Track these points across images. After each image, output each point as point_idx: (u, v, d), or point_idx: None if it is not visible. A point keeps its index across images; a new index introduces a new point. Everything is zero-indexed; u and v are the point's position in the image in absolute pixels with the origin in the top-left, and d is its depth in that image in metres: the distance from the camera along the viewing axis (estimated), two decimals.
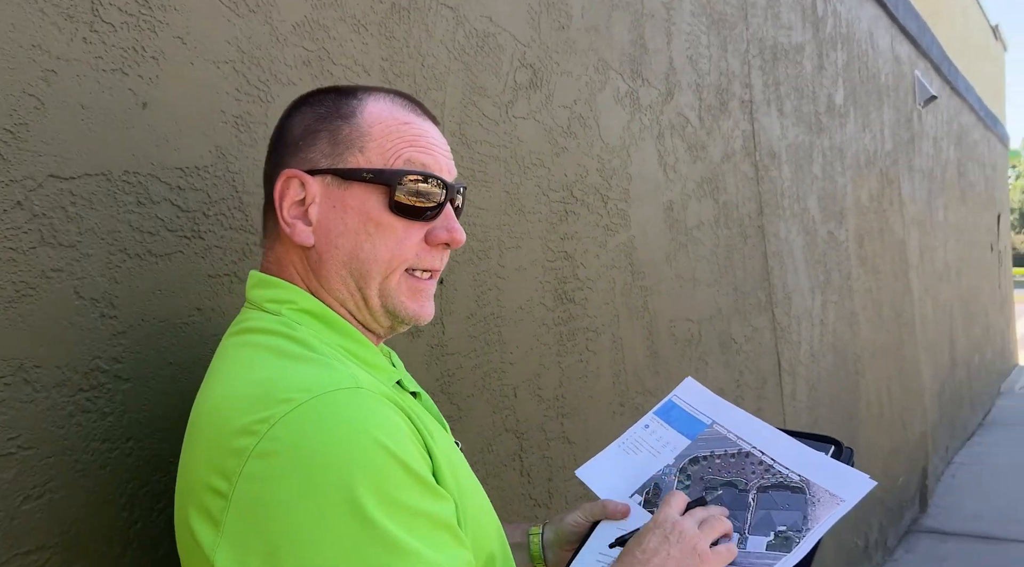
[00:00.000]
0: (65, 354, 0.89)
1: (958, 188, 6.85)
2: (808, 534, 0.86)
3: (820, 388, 3.22)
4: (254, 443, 0.66)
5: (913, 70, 5.32)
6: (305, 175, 0.83)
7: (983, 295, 7.90)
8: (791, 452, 0.95)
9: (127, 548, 0.93)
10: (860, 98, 4.08)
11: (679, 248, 2.23)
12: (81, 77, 0.93)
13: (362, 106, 0.84)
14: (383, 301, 0.83)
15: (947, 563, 3.92)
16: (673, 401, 1.12)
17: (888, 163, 4.53)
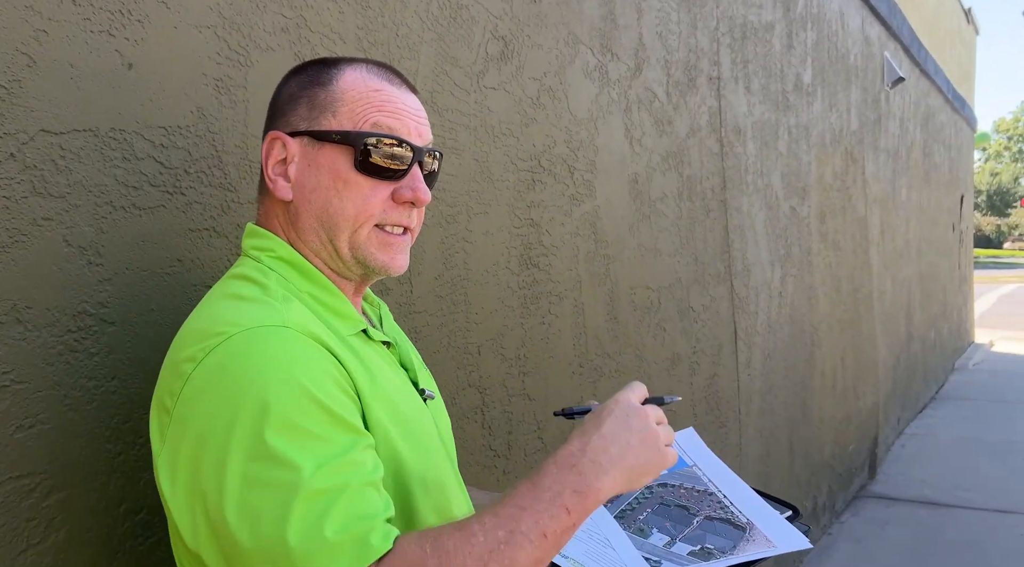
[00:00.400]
0: (55, 297, 0.96)
1: (923, 169, 7.01)
2: (728, 557, 0.97)
3: (775, 357, 3.36)
4: (192, 368, 0.77)
5: (883, 51, 5.42)
6: (286, 136, 0.91)
7: (942, 273, 8.14)
8: (749, 502, 1.07)
9: (111, 477, 1.01)
10: (828, 78, 4.18)
11: (642, 219, 2.32)
12: (70, 38, 0.99)
13: (340, 74, 0.91)
14: (353, 252, 0.91)
15: (890, 526, 4.12)
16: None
17: (853, 142, 4.66)
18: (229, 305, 0.84)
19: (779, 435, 3.39)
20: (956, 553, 3.76)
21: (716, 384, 2.77)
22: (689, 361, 2.58)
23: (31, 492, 0.93)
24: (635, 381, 0.89)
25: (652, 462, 0.82)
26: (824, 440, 4.03)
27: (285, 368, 0.75)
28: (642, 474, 0.81)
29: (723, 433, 2.82)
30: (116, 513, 1.02)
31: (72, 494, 0.97)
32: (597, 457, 0.79)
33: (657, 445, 0.82)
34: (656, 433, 0.83)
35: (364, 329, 0.93)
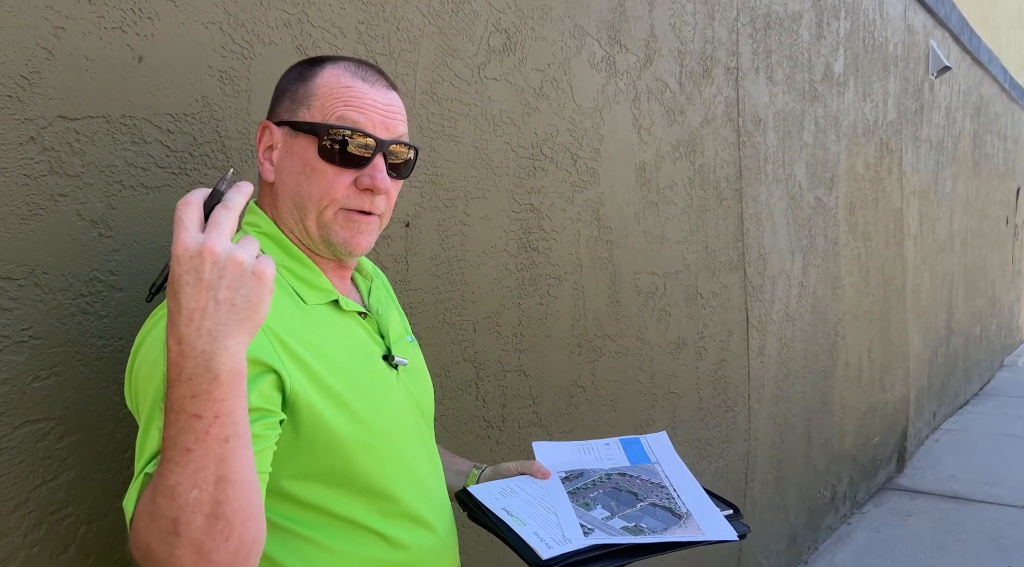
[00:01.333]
0: (69, 264, 1.09)
1: (972, 160, 6.83)
2: (656, 534, 1.07)
3: (793, 346, 3.38)
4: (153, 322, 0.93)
5: (928, 40, 5.31)
6: (273, 125, 1.03)
7: (992, 268, 7.93)
8: (694, 496, 1.17)
9: (117, 426, 1.14)
10: (863, 67, 4.13)
11: (649, 206, 2.38)
12: (86, 33, 1.11)
13: (320, 71, 1.02)
14: (320, 232, 1.01)
15: (911, 518, 4.11)
16: (640, 439, 1.32)
17: (890, 133, 4.59)
18: None
19: (795, 423, 3.42)
20: (975, 546, 3.74)
21: (724, 369, 2.82)
22: (695, 346, 2.63)
23: (46, 435, 1.07)
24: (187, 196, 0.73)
25: (254, 294, 0.71)
26: (846, 430, 4.02)
27: None
28: (253, 312, 0.72)
29: (730, 417, 2.87)
30: (122, 458, 1.15)
31: (82, 438, 1.10)
32: (195, 348, 0.69)
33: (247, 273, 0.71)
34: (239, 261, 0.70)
35: (335, 300, 1.04)
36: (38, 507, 1.06)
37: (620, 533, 1.07)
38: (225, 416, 0.71)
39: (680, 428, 2.56)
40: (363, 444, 0.97)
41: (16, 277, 1.03)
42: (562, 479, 1.21)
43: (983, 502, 4.32)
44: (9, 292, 1.03)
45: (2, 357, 1.02)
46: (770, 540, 3.24)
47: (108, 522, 1.13)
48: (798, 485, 3.49)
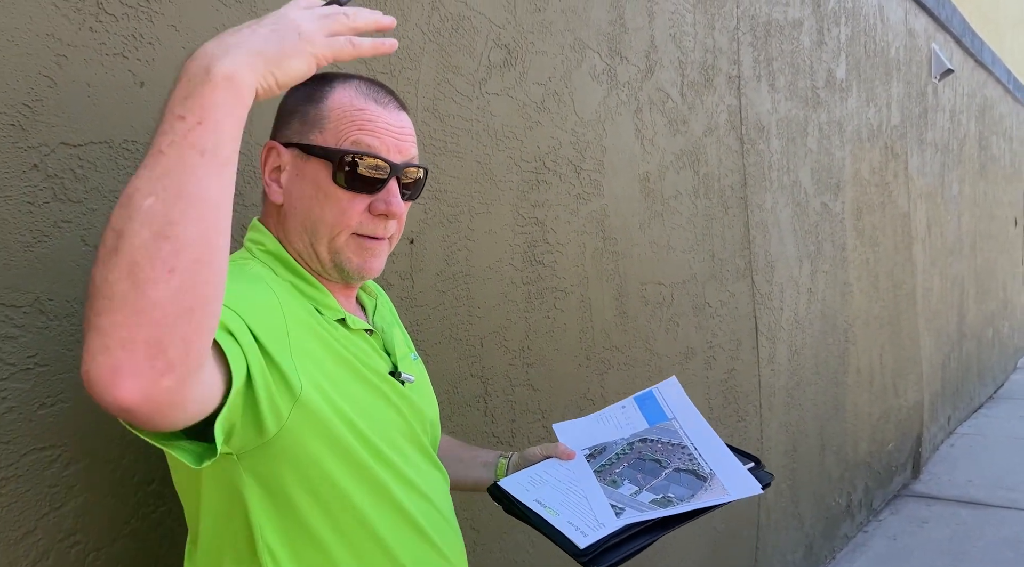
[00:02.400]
0: (73, 290, 1.09)
1: (978, 162, 6.81)
2: (685, 504, 1.08)
3: (804, 353, 3.36)
4: None
5: (930, 43, 5.30)
6: (280, 146, 1.01)
7: (1002, 269, 7.87)
8: (716, 453, 1.17)
9: (124, 451, 1.14)
10: (865, 72, 4.13)
11: (654, 216, 2.38)
12: (88, 60, 1.12)
13: (331, 92, 1.01)
14: (332, 256, 1.00)
15: (928, 525, 4.06)
16: (652, 392, 1.33)
17: (895, 137, 4.58)
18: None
19: (807, 430, 3.39)
20: (994, 552, 3.68)
21: (734, 378, 2.80)
22: (704, 355, 2.62)
23: (53, 462, 1.06)
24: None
25: (287, 42, 0.75)
26: (860, 437, 3.99)
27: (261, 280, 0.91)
28: (279, 56, 0.74)
29: (742, 426, 2.85)
30: (129, 483, 1.14)
31: (89, 465, 1.10)
32: (207, 52, 0.71)
33: (295, 29, 0.76)
34: (292, 18, 0.76)
35: (342, 318, 1.03)
36: (46, 535, 1.06)
37: (650, 508, 1.08)
38: (209, 124, 0.69)
39: None
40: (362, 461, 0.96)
41: (21, 305, 1.04)
42: (587, 456, 1.22)
43: (1001, 507, 4.27)
44: (14, 320, 1.03)
45: (8, 385, 1.02)
46: (786, 550, 3.20)
47: (116, 548, 1.13)
48: (813, 494, 3.45)
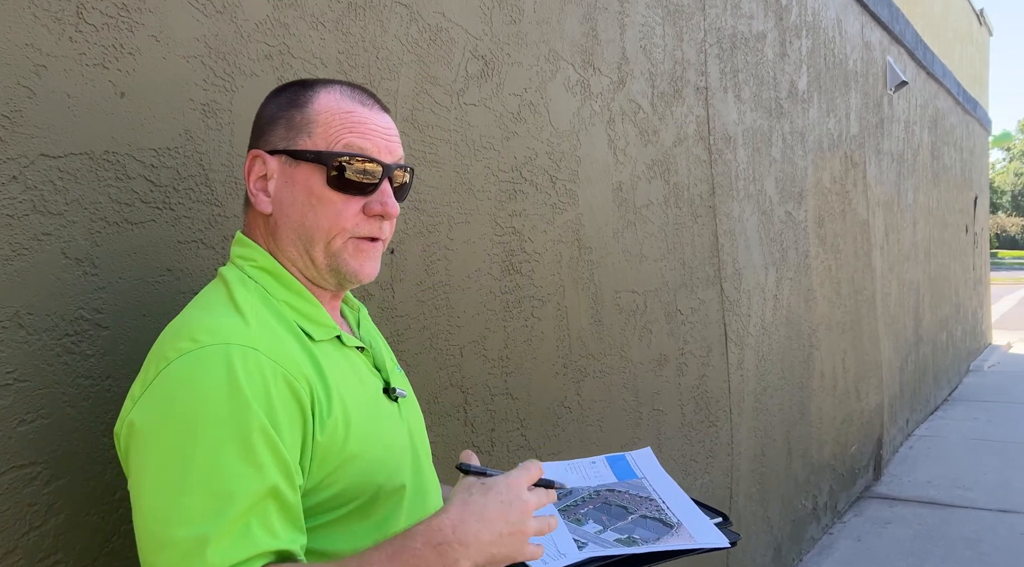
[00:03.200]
0: (54, 304, 1.07)
1: (931, 171, 7.01)
2: (649, 544, 1.08)
3: (771, 358, 3.42)
4: (164, 366, 0.86)
5: (885, 56, 5.46)
6: (266, 154, 0.99)
7: (954, 275, 8.11)
8: (683, 507, 1.19)
9: (106, 468, 1.12)
10: (825, 84, 4.23)
11: (627, 225, 2.41)
12: (68, 71, 1.10)
13: (315, 96, 0.99)
14: (328, 261, 0.99)
15: (891, 525, 4.15)
16: (625, 457, 1.33)
17: (854, 146, 4.70)
18: (209, 311, 0.92)
19: (775, 435, 3.45)
20: (955, 551, 3.79)
21: (705, 384, 2.84)
22: (676, 362, 2.65)
23: (32, 480, 1.04)
24: (532, 461, 0.90)
25: (514, 553, 0.84)
26: (824, 440, 4.07)
27: (236, 389, 0.83)
28: (501, 560, 0.84)
29: (713, 432, 2.89)
30: (111, 500, 1.12)
31: (70, 482, 1.08)
32: (465, 538, 0.80)
33: (524, 541, 0.85)
34: (527, 530, 0.85)
35: (338, 335, 1.02)
36: (25, 555, 1.03)
37: (614, 545, 1.07)
38: None
39: (665, 445, 2.57)
40: (378, 486, 0.96)
41: (0, 319, 1.01)
42: None
43: (960, 507, 4.39)
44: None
45: None
46: (756, 553, 3.25)
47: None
48: (781, 497, 3.51)
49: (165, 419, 0.83)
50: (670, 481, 1.25)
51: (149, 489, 0.82)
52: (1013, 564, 3.62)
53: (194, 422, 0.82)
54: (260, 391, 0.84)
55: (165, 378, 0.85)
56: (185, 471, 0.80)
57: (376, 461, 0.95)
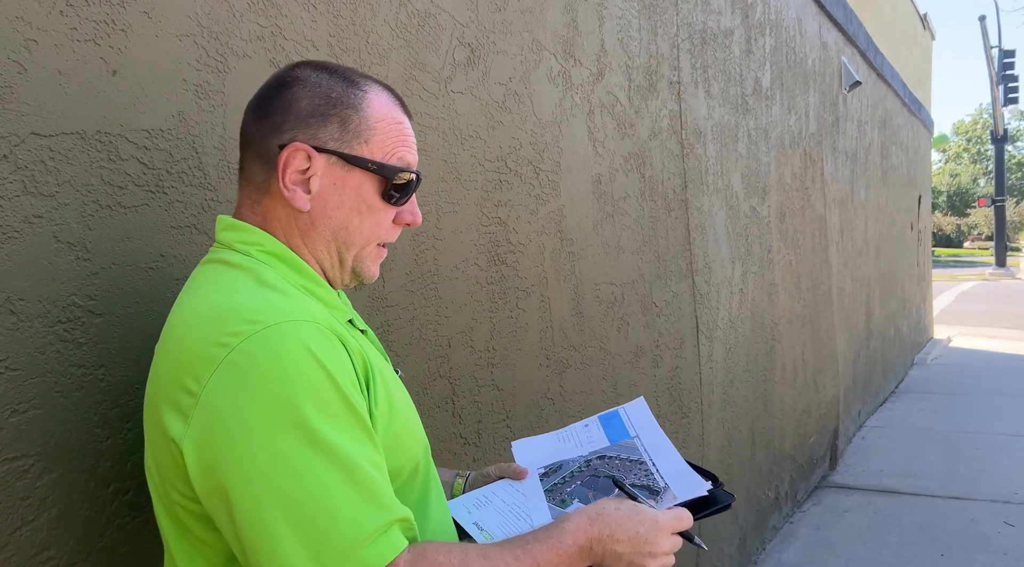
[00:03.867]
0: (45, 290, 1.02)
1: (880, 170, 7.22)
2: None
3: (737, 351, 3.48)
4: (225, 353, 0.80)
5: (840, 56, 5.60)
6: (313, 150, 0.94)
7: (901, 271, 8.38)
8: (674, 469, 1.17)
9: (99, 460, 1.07)
10: (787, 82, 4.32)
11: (606, 218, 2.42)
12: (58, 46, 1.05)
13: (368, 99, 0.97)
14: (355, 265, 1.00)
15: (848, 514, 4.27)
16: (618, 412, 1.31)
17: (812, 144, 4.81)
18: (249, 290, 0.87)
19: (741, 427, 3.51)
20: (909, 537, 3.92)
21: (678, 377, 2.87)
22: (652, 354, 2.68)
23: (25, 473, 0.99)
24: (686, 511, 1.00)
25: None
26: (785, 432, 4.16)
27: (320, 364, 0.80)
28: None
29: (686, 424, 2.92)
30: (104, 494, 1.08)
31: (63, 475, 1.03)
32: (605, 553, 0.90)
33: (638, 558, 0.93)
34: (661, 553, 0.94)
35: (350, 319, 1.01)
36: (18, 551, 0.99)
37: None
38: None
39: None
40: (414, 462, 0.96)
41: None
42: (541, 475, 1.21)
43: (912, 494, 4.54)
44: None
45: None
46: (723, 542, 3.31)
47: (91, 562, 1.06)
48: (745, 487, 3.58)
49: (258, 405, 0.78)
50: (661, 436, 1.23)
51: (273, 482, 0.76)
52: (964, 547, 3.76)
53: (293, 400, 0.78)
54: (337, 364, 0.83)
55: (236, 365, 0.79)
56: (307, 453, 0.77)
57: (412, 437, 0.96)
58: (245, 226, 0.98)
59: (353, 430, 0.81)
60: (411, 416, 1.00)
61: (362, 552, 0.76)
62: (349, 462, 0.78)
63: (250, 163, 0.98)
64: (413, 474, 0.96)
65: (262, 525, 0.76)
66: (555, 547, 0.88)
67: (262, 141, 0.96)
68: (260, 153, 0.96)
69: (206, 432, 0.79)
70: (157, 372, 0.89)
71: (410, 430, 0.97)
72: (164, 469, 0.85)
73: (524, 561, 0.85)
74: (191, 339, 0.84)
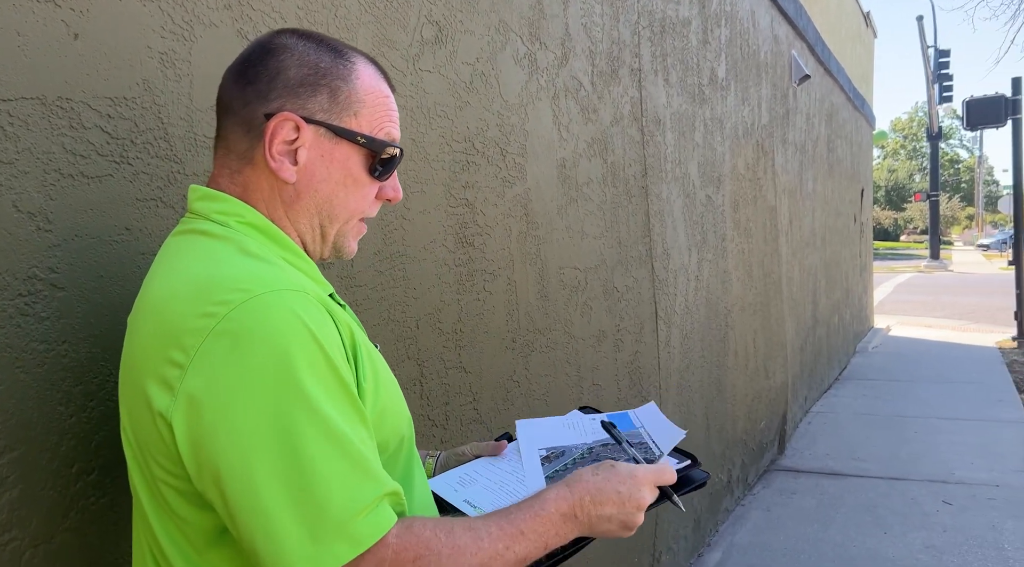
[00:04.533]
0: (5, 261, 0.98)
1: (827, 162, 7.41)
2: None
3: (693, 337, 3.53)
4: (213, 323, 0.77)
5: (790, 49, 5.71)
6: (302, 121, 0.92)
7: (845, 262, 8.62)
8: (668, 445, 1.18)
9: (62, 438, 1.03)
10: (741, 73, 4.39)
11: (570, 202, 2.42)
12: (16, 5, 1.00)
13: (356, 71, 0.95)
14: (336, 240, 0.98)
15: (796, 496, 4.39)
16: (628, 415, 1.30)
17: (764, 135, 4.90)
18: (233, 260, 0.84)
19: (695, 411, 3.58)
20: (854, 517, 4.05)
21: (639, 361, 2.90)
22: (614, 338, 2.70)
23: None
24: (667, 466, 1.01)
25: (614, 535, 0.95)
26: (737, 416, 4.25)
27: (312, 335, 0.78)
28: (601, 535, 0.95)
29: None
30: (68, 473, 1.04)
31: (24, 453, 0.99)
32: (591, 519, 0.91)
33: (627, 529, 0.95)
34: (634, 523, 0.95)
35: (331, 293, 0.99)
36: None
37: None
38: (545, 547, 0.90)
39: None
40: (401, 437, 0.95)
41: None
42: (543, 457, 1.20)
43: (856, 476, 4.69)
44: None
45: None
46: (679, 525, 3.37)
47: (55, 544, 1.02)
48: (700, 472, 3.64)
49: (252, 375, 0.75)
50: (669, 425, 1.23)
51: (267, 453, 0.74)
52: (905, 524, 3.91)
53: (289, 370, 0.76)
54: (327, 336, 0.81)
55: (226, 334, 0.77)
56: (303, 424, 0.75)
57: (397, 410, 0.95)
58: (222, 196, 0.94)
59: (343, 402, 0.80)
60: (395, 389, 0.99)
61: (356, 526, 0.75)
62: (342, 435, 0.77)
63: (231, 131, 0.94)
64: (399, 448, 0.94)
65: (256, 498, 0.74)
66: (537, 515, 0.88)
67: (246, 108, 0.92)
68: (243, 121, 0.93)
69: (195, 404, 0.76)
70: (135, 346, 0.85)
71: (395, 403, 0.96)
72: (147, 445, 0.82)
73: (508, 530, 0.85)
74: (174, 311, 0.81)
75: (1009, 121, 10.52)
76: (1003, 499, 4.25)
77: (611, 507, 0.92)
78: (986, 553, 3.57)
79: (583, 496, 0.91)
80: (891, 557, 3.55)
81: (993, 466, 4.82)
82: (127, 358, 0.87)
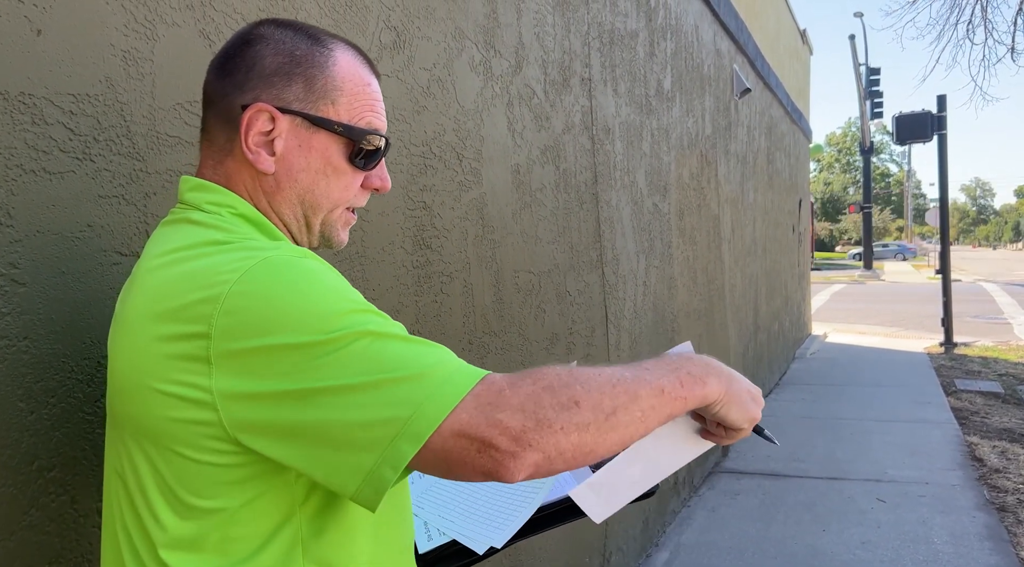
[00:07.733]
0: None
1: (766, 173, 7.66)
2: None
3: (641, 341, 3.62)
4: (228, 287, 0.76)
5: (732, 64, 5.90)
6: (276, 111, 0.91)
7: (784, 271, 8.90)
8: None
9: (23, 435, 1.02)
10: (686, 85, 4.52)
11: (524, 207, 2.47)
12: None
13: (334, 57, 0.94)
14: (323, 229, 0.97)
15: (740, 496, 4.52)
16: None
17: (707, 146, 5.05)
18: (231, 246, 0.83)
19: None
20: (795, 515, 4.19)
21: (589, 363, 2.96)
22: (566, 341, 2.75)
23: None
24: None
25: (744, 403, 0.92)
26: None
27: (326, 266, 0.82)
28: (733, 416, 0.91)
29: None
30: (28, 470, 1.03)
31: None
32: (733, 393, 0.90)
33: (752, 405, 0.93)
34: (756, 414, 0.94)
35: None
36: None
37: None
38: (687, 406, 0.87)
39: None
40: None
41: None
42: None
43: (796, 476, 4.85)
44: None
45: None
46: (628, 526, 3.43)
47: (15, 542, 1.01)
48: None
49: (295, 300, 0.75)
50: None
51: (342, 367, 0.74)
52: (842, 522, 4.06)
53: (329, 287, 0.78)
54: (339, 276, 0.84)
55: (250, 282, 0.76)
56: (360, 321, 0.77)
57: None
58: (214, 186, 0.94)
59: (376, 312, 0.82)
60: None
61: (462, 373, 0.76)
62: (397, 325, 0.80)
63: (212, 123, 0.95)
64: None
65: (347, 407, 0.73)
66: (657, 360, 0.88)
67: (224, 100, 0.93)
68: (222, 113, 0.93)
69: (240, 357, 0.75)
70: (135, 349, 0.81)
71: None
72: (179, 445, 0.78)
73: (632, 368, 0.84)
74: (178, 294, 0.79)
75: (935, 136, 11.02)
76: (932, 496, 4.45)
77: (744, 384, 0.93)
78: (917, 547, 3.74)
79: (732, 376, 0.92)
80: (830, 553, 3.69)
81: (922, 465, 5.04)
82: (122, 363, 0.84)
